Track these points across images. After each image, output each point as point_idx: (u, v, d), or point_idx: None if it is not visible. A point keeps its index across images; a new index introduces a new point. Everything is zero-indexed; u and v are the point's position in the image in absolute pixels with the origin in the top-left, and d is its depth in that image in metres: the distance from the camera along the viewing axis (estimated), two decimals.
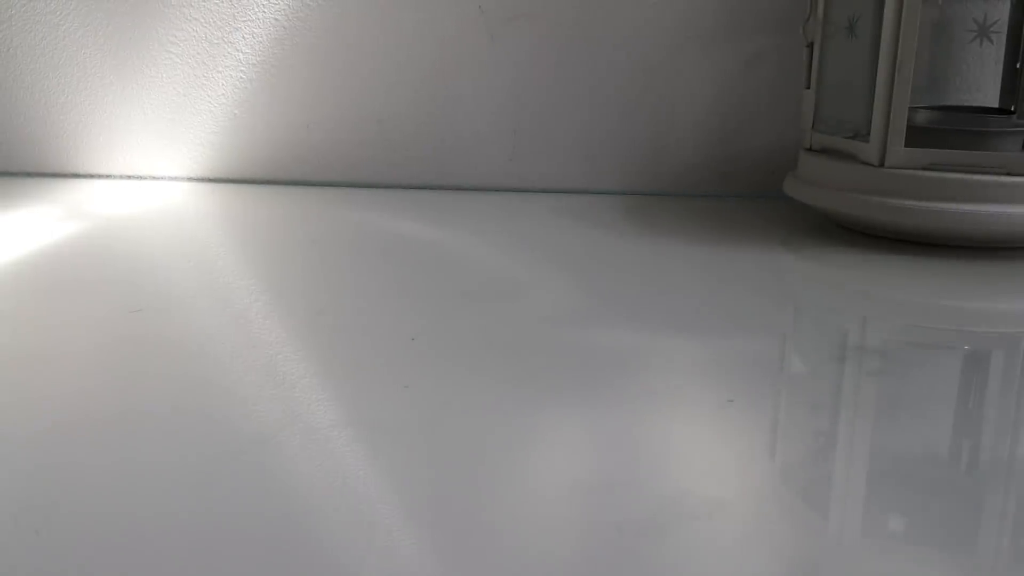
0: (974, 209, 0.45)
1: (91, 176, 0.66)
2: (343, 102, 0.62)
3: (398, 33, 0.61)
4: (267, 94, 0.62)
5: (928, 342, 0.36)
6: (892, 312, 0.40)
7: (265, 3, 0.61)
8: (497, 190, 0.63)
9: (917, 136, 0.47)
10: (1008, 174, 0.45)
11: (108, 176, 0.66)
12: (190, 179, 0.65)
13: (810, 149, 0.52)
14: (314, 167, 0.63)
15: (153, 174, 0.66)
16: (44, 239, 0.47)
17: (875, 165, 0.47)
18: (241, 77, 0.62)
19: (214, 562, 0.19)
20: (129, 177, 0.66)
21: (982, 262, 0.46)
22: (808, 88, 0.52)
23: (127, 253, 0.46)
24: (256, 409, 0.27)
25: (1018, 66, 0.55)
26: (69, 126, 0.65)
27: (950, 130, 0.49)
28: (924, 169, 0.46)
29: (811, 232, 0.52)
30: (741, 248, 0.48)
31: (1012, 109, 0.55)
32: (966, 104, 0.60)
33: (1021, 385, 0.32)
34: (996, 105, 0.58)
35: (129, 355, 0.32)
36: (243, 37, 0.61)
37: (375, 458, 0.24)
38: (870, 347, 0.35)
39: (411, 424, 0.26)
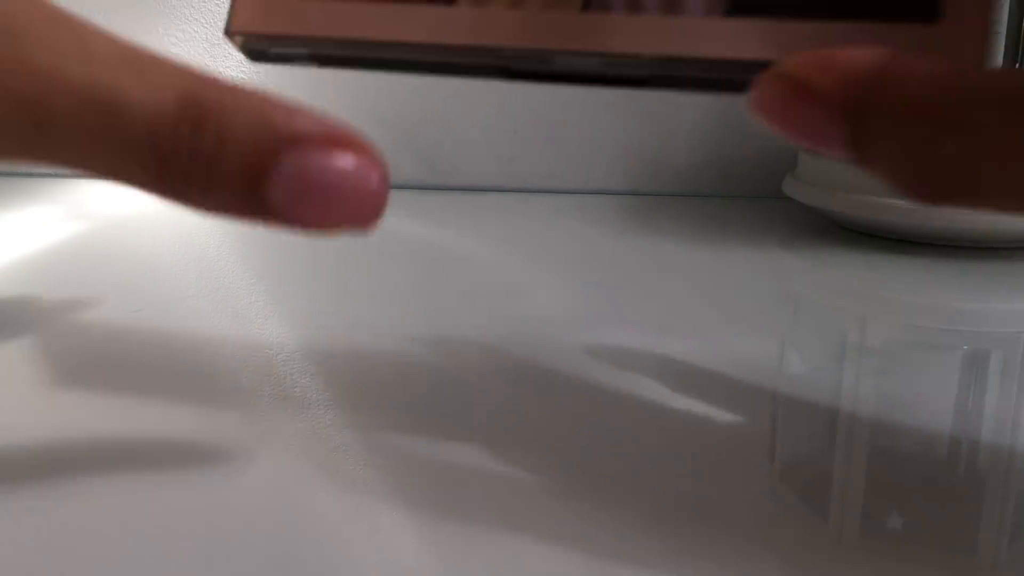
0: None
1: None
2: (342, 102, 0.62)
3: None
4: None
5: (928, 342, 0.36)
6: (892, 312, 0.40)
7: None
8: (497, 190, 0.63)
9: None
10: None
11: None
12: None
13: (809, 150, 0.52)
14: None
15: None
16: (45, 239, 0.47)
17: None
18: (241, 78, 0.62)
19: (214, 562, 0.19)
20: None
21: (982, 262, 0.46)
22: None
23: (127, 253, 0.46)
24: (256, 408, 0.27)
25: (1017, 67, 0.55)
26: None
27: None
28: None
29: (811, 232, 0.52)
30: (741, 249, 0.48)
31: None
32: None
33: (1021, 385, 0.32)
34: None
35: (129, 355, 0.32)
36: None
37: (375, 457, 0.25)
38: (870, 347, 0.35)
39: (411, 423, 0.26)
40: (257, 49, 0.24)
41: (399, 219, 0.55)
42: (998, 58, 0.58)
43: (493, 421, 0.27)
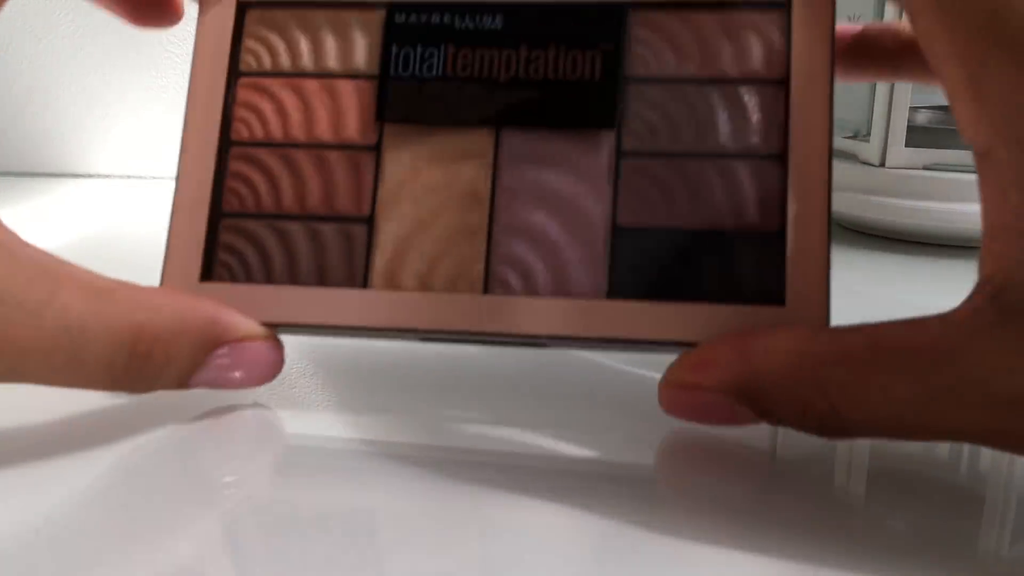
0: (974, 209, 0.45)
1: (91, 176, 0.66)
2: None
3: None
4: None
5: None
6: (893, 312, 0.40)
7: None
8: None
9: (918, 136, 0.47)
10: None
11: (108, 176, 0.66)
12: None
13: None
14: None
15: (153, 174, 0.66)
16: (44, 240, 0.47)
17: (875, 165, 0.47)
18: None
19: (216, 562, 0.19)
20: (129, 177, 0.66)
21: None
22: None
23: (127, 254, 0.46)
24: (255, 406, 0.27)
25: None
26: (68, 126, 0.65)
27: (951, 130, 0.49)
28: (925, 169, 0.46)
29: None
30: None
31: None
32: None
33: None
34: None
35: None
36: None
37: (374, 453, 0.24)
38: None
39: (413, 420, 0.26)
40: None
41: None
42: None
43: (499, 418, 0.27)
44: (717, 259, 0.25)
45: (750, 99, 0.26)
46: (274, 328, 0.26)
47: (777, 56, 0.26)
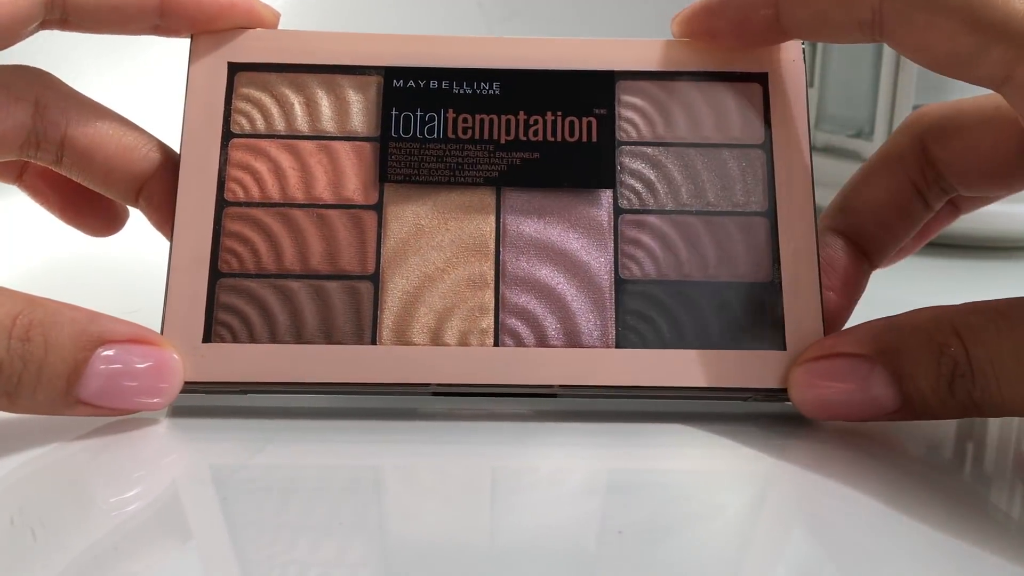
0: (976, 209, 0.45)
1: None
2: None
3: (397, 29, 0.60)
4: None
5: None
6: (892, 312, 0.40)
7: (264, 1, 0.61)
8: None
9: None
10: None
11: None
12: None
13: (813, 148, 0.52)
14: None
15: None
16: (41, 239, 0.47)
17: None
18: None
19: (216, 557, 0.19)
20: None
21: (982, 262, 0.46)
22: (811, 86, 0.52)
23: (124, 253, 0.46)
24: (256, 402, 0.27)
25: None
26: None
27: None
28: None
29: None
30: None
31: None
32: None
33: None
34: None
35: None
36: None
37: (376, 448, 0.24)
38: None
39: (417, 413, 0.26)
40: (191, 392, 0.26)
41: None
42: None
43: (505, 416, 0.27)
44: (719, 308, 0.26)
45: (735, 162, 0.27)
46: (283, 388, 0.26)
47: (756, 123, 0.28)
